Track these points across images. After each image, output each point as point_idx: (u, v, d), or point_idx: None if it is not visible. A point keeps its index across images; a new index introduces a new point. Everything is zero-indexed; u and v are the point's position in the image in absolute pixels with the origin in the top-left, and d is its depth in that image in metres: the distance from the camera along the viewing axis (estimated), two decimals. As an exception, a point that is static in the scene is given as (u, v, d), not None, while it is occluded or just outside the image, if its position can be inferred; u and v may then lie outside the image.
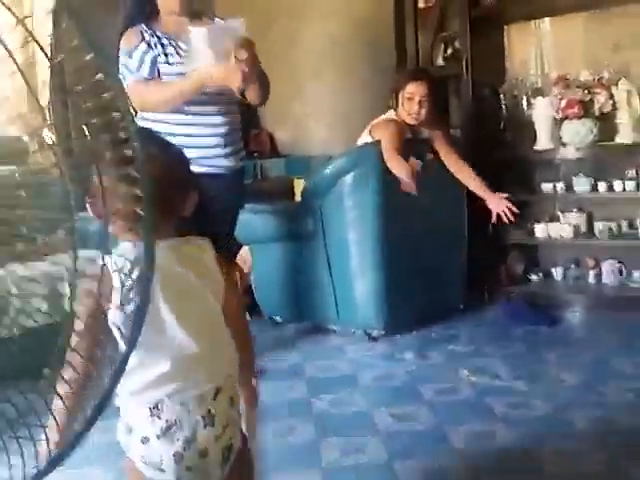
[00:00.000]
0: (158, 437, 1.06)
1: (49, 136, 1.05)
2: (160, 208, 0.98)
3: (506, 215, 3.06)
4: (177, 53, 2.33)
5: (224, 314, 1.19)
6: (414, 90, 3.08)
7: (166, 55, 2.32)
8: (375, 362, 2.76)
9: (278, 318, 3.37)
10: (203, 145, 2.35)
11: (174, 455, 1.06)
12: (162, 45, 2.32)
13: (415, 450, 1.92)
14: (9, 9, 0.81)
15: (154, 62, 2.30)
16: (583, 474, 1.73)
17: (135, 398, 1.08)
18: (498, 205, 3.08)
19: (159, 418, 1.06)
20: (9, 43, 0.82)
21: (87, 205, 1.05)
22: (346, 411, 2.26)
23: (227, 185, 2.40)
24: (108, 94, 0.79)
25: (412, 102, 3.09)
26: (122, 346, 1.03)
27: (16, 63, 0.84)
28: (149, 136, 1.23)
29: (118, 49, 2.30)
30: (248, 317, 3.46)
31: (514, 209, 3.05)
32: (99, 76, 0.80)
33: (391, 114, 3.16)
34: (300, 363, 2.80)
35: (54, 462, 0.85)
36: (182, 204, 1.15)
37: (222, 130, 2.40)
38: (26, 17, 0.83)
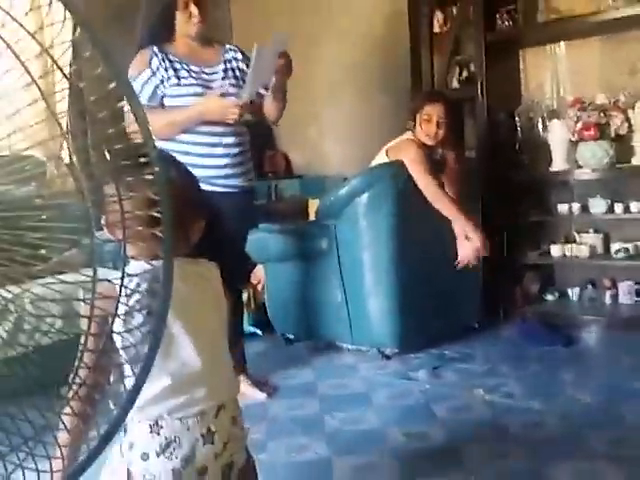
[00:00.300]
0: (157, 454, 1.06)
1: (69, 161, 1.07)
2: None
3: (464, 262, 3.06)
4: (190, 76, 2.39)
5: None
6: (432, 111, 3.11)
7: (178, 78, 2.38)
8: (388, 380, 2.75)
9: (291, 336, 3.37)
10: (215, 165, 2.40)
11: (172, 472, 1.06)
12: (174, 68, 2.38)
13: (428, 469, 1.91)
14: (33, 37, 0.83)
15: (155, 91, 2.37)
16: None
17: (137, 414, 1.07)
18: (466, 253, 3.06)
19: (158, 434, 1.07)
20: (32, 70, 0.84)
21: (104, 227, 1.07)
22: (358, 429, 2.25)
23: (238, 204, 2.45)
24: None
25: (430, 123, 3.11)
26: (127, 369, 1.02)
27: (39, 88, 0.87)
28: (163, 157, 1.25)
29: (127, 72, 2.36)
30: (260, 332, 3.49)
31: (481, 254, 3.05)
32: (122, 103, 0.82)
33: (409, 135, 3.18)
34: (313, 381, 2.79)
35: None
36: (191, 226, 1.17)
37: (234, 150, 2.45)
38: (50, 46, 0.86)
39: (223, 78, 2.48)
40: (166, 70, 2.38)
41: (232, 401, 1.15)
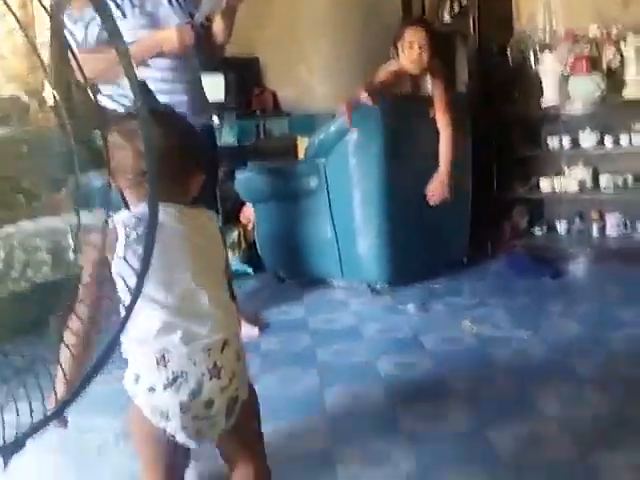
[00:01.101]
0: (164, 387, 1.08)
1: (51, 96, 1.05)
2: (167, 178, 1.08)
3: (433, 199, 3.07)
4: (134, 5, 2.34)
5: None
6: (413, 37, 3.05)
7: (122, 12, 2.32)
8: (378, 314, 2.79)
9: (282, 273, 3.40)
10: (174, 102, 2.35)
11: (180, 405, 1.08)
12: (116, 3, 2.32)
13: (417, 396, 1.96)
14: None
15: (100, 31, 2.30)
16: (583, 418, 1.76)
17: (142, 347, 1.09)
18: (434, 185, 3.06)
19: (165, 368, 1.08)
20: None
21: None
22: (349, 361, 2.29)
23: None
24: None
25: (412, 49, 3.05)
26: (126, 297, 1.06)
27: (17, 20, 0.84)
28: (164, 109, 1.29)
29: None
30: (251, 271, 3.52)
31: (443, 197, 3.06)
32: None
33: (391, 64, 3.13)
34: (304, 317, 2.83)
35: (61, 407, 0.87)
36: (190, 179, 1.19)
37: (191, 86, 2.41)
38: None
39: (170, 1, 2.41)
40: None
41: (235, 336, 1.17)
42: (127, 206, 1.16)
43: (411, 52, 3.06)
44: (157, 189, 0.92)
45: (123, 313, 0.85)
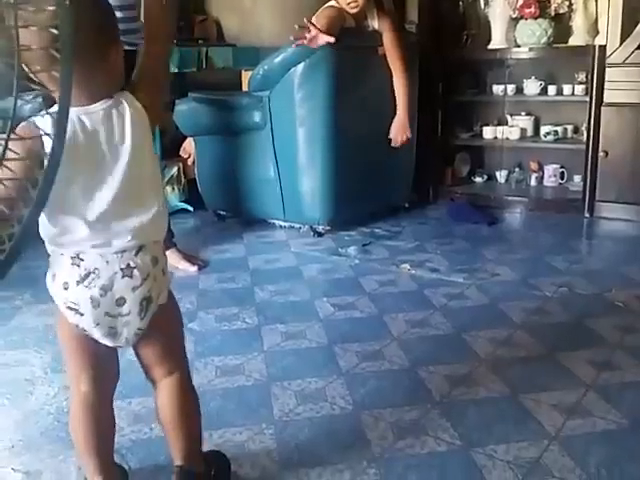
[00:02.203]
0: (77, 283, 1.10)
1: None
2: (87, 54, 1.00)
3: (396, 141, 3.04)
4: None
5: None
6: None
7: None
8: (319, 256, 2.79)
9: (222, 212, 3.33)
10: None
11: (91, 299, 1.11)
12: None
13: (355, 335, 1.98)
14: None
15: None
16: (516, 359, 1.82)
17: (59, 247, 1.10)
18: (397, 127, 3.03)
19: (79, 267, 1.10)
20: None
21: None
22: (288, 300, 2.29)
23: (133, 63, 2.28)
24: None
25: None
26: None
27: None
28: None
29: None
30: (191, 208, 3.43)
31: (405, 138, 3.04)
32: None
33: (332, 3, 3.00)
34: (244, 256, 2.80)
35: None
36: (108, 51, 1.08)
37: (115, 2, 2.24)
38: None
39: None
40: None
41: (155, 243, 1.17)
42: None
43: None
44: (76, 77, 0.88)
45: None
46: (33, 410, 1.60)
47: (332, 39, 2.72)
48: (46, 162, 0.86)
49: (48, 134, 0.87)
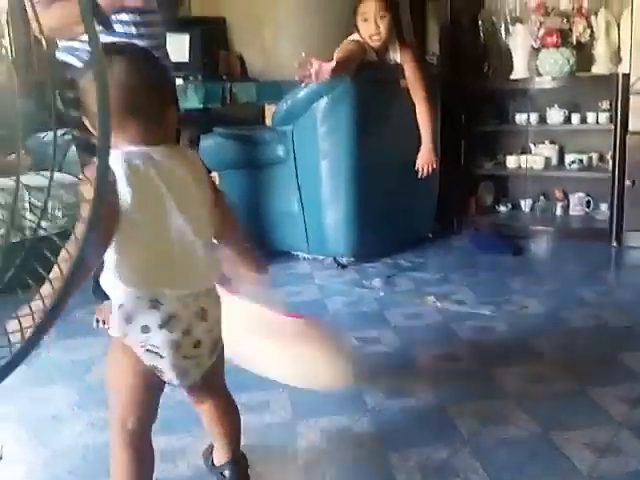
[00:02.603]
0: (160, 327, 1.14)
1: (5, 47, 0.99)
2: (142, 117, 1.13)
3: (423, 172, 3.02)
4: None
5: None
6: (367, 9, 2.96)
7: None
8: (343, 288, 2.78)
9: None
10: None
11: (173, 343, 1.16)
12: None
13: (380, 371, 1.96)
14: None
15: None
16: (546, 395, 1.78)
17: (135, 288, 1.13)
18: (423, 157, 3.02)
19: (159, 310, 1.14)
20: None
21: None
22: (313, 334, 2.27)
23: None
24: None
25: (367, 22, 2.96)
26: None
27: None
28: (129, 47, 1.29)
29: None
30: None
31: (432, 168, 3.02)
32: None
33: (355, 37, 3.05)
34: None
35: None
36: (163, 114, 1.19)
37: (151, 43, 2.30)
38: None
39: None
40: None
41: (215, 284, 1.25)
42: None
43: (366, 25, 2.97)
44: (139, 128, 1.11)
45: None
46: (60, 449, 1.60)
47: (333, 63, 2.66)
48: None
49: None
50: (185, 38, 3.92)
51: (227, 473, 1.39)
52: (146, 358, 1.16)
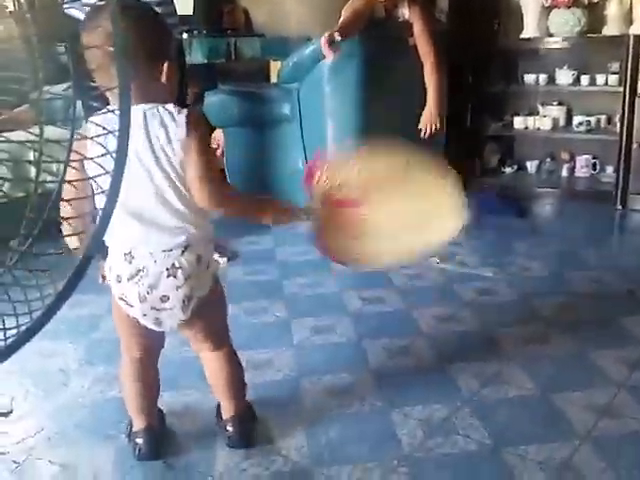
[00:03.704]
0: (128, 279, 1.23)
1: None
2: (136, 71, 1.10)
3: (426, 132, 2.96)
4: None
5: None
6: None
7: None
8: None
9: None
10: None
11: (139, 295, 1.23)
12: None
13: (383, 330, 1.98)
14: None
15: None
16: (547, 356, 1.80)
17: (114, 241, 1.22)
18: (428, 117, 2.97)
19: (130, 263, 1.22)
20: None
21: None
22: (316, 293, 2.30)
23: None
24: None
25: None
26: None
27: None
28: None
29: None
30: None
31: (435, 129, 2.93)
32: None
33: None
34: (272, 248, 2.81)
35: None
36: (157, 65, 1.21)
37: None
38: None
39: None
40: None
41: (200, 240, 1.26)
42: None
43: None
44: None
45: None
46: (68, 402, 1.63)
47: (330, 55, 2.58)
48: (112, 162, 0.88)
49: (111, 132, 0.89)
50: (189, -10, 3.84)
51: (229, 428, 1.42)
52: (121, 305, 1.27)
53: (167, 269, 1.22)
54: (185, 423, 1.53)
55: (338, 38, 2.58)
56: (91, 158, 0.82)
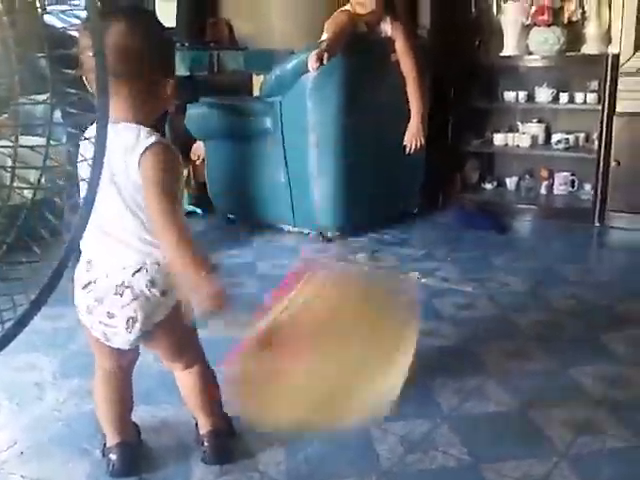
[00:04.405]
0: (82, 287, 1.24)
1: None
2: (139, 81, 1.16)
3: (411, 148, 3.01)
4: None
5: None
6: None
7: None
8: (328, 262, 2.78)
9: (232, 216, 3.33)
10: None
11: (87, 306, 1.24)
12: None
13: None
14: None
15: None
16: (526, 372, 1.81)
17: (83, 247, 1.23)
18: (412, 133, 3.00)
19: (87, 271, 1.23)
20: None
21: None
22: (297, 307, 2.28)
23: None
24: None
25: None
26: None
27: None
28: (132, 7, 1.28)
29: None
30: (200, 211, 3.42)
31: (419, 145, 3.00)
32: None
33: (347, 6, 3.01)
34: (252, 261, 2.80)
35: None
36: (159, 85, 1.22)
37: None
38: None
39: None
40: None
41: (153, 265, 1.22)
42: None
43: None
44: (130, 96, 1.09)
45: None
46: (42, 416, 1.60)
47: (314, 68, 2.66)
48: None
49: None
50: (172, 3, 3.85)
51: (205, 443, 1.41)
52: (79, 312, 1.27)
53: (116, 286, 1.20)
54: (161, 438, 1.50)
55: (326, 61, 2.61)
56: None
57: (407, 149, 3.03)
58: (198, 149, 3.39)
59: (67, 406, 1.64)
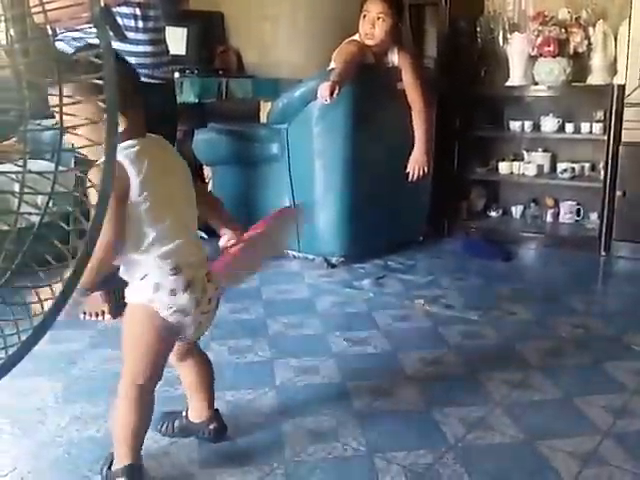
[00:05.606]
0: (183, 290, 1.34)
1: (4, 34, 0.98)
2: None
3: (414, 175, 3.02)
4: None
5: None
6: (369, 7, 2.96)
7: None
8: (333, 288, 2.78)
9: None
10: (137, 52, 2.24)
11: (195, 301, 1.36)
12: None
13: (367, 373, 1.96)
14: None
15: None
16: (532, 402, 1.79)
17: (160, 262, 1.33)
18: (415, 161, 3.02)
19: (181, 276, 1.34)
20: None
21: None
22: (301, 333, 2.28)
23: (161, 96, 2.32)
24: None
25: (366, 20, 2.96)
26: None
27: None
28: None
29: None
30: (205, 236, 3.42)
31: (424, 171, 3.02)
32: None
33: (355, 36, 3.05)
34: (257, 286, 2.79)
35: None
36: (137, 111, 1.36)
37: (151, 36, 2.30)
38: None
39: None
40: None
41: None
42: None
43: (364, 23, 2.97)
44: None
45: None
46: (44, 441, 1.59)
47: (327, 100, 2.67)
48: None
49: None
50: (183, 32, 3.91)
51: (213, 425, 1.55)
52: (173, 317, 1.34)
53: (206, 275, 1.38)
54: (163, 465, 1.49)
55: (337, 92, 2.64)
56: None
57: (410, 176, 3.04)
58: (206, 175, 3.41)
59: (68, 431, 1.63)
